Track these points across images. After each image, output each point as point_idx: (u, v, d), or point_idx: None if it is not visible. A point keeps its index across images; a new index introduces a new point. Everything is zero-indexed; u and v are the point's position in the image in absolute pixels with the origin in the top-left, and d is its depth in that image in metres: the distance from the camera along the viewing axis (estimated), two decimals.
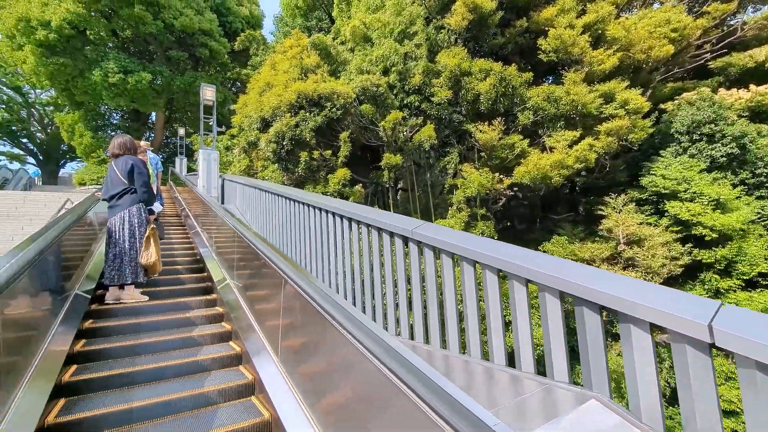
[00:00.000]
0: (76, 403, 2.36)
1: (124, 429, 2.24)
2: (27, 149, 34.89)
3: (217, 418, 2.33)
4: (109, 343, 3.05)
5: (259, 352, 2.75)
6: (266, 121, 10.51)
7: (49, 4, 19.08)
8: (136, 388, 2.60)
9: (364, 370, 1.58)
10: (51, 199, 12.06)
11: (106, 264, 3.89)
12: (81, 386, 2.54)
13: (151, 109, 25.90)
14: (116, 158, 4.17)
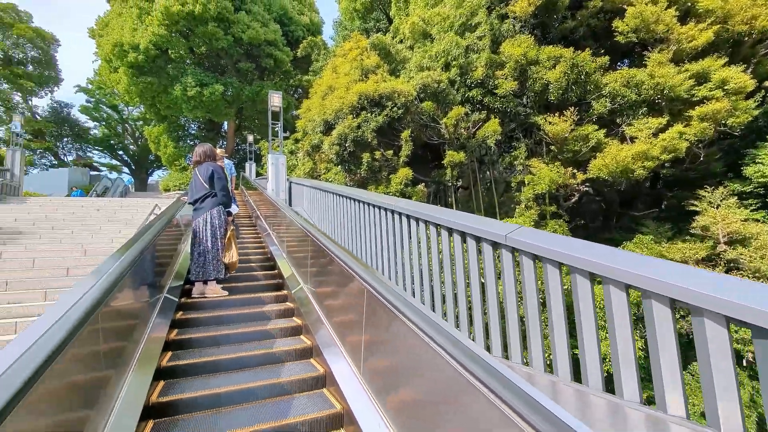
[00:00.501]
0: (172, 386, 2.57)
1: (213, 411, 2.39)
2: (122, 160, 39.35)
3: (293, 407, 2.42)
4: (197, 333, 3.31)
5: (328, 346, 2.82)
6: (329, 124, 10.72)
7: (138, 29, 21.27)
8: (220, 374, 2.78)
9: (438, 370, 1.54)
10: (142, 204, 13.40)
11: (191, 261, 4.21)
12: (176, 370, 2.77)
13: (224, 118, 27.88)
14: (199, 165, 4.48)
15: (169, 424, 2.25)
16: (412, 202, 3.43)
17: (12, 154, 16.64)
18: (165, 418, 2.32)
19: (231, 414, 2.36)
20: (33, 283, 4.64)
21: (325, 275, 3.31)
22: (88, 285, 1.74)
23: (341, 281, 2.81)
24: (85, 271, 5.11)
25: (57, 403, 1.32)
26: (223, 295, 4.19)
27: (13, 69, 29.73)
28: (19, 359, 1.10)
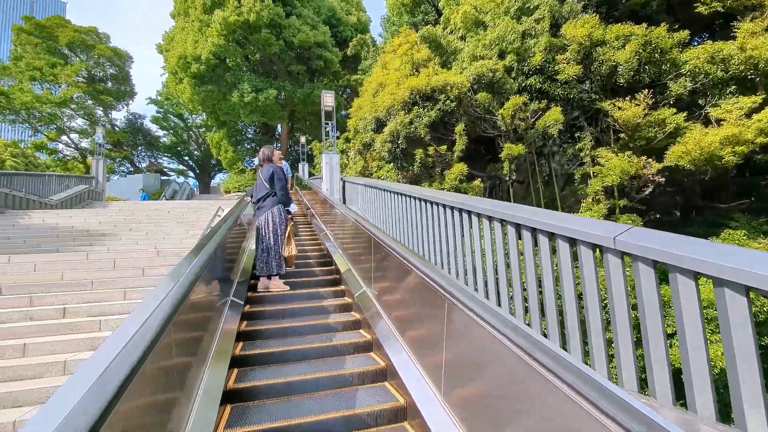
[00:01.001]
0: (246, 374, 2.75)
1: (284, 399, 2.53)
2: (188, 165, 42.30)
3: (357, 398, 2.50)
4: (264, 325, 3.51)
5: (388, 339, 2.88)
6: (380, 122, 10.61)
7: (199, 41, 22.60)
8: (288, 364, 2.93)
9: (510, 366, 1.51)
10: (206, 206, 14.21)
11: (256, 258, 4.43)
12: (247, 359, 2.95)
13: (277, 121, 28.92)
14: (261, 167, 4.76)
15: (245, 409, 2.39)
16: (484, 199, 3.15)
17: (96, 163, 18.41)
18: (240, 403, 2.46)
19: (300, 402, 2.47)
20: (114, 283, 4.96)
21: (382, 270, 3.35)
22: (170, 285, 1.84)
23: (399, 276, 2.86)
24: (158, 271, 5.40)
25: (153, 388, 1.45)
26: (285, 290, 4.38)
27: (95, 86, 32.99)
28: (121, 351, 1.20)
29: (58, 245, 8.70)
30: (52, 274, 5.11)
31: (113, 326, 3.98)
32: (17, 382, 3.12)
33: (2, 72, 29.91)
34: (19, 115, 29.85)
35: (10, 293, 4.68)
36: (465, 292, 1.93)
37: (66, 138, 34.21)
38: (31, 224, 10.30)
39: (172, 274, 2.04)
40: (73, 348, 3.59)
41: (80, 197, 16.03)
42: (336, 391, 2.60)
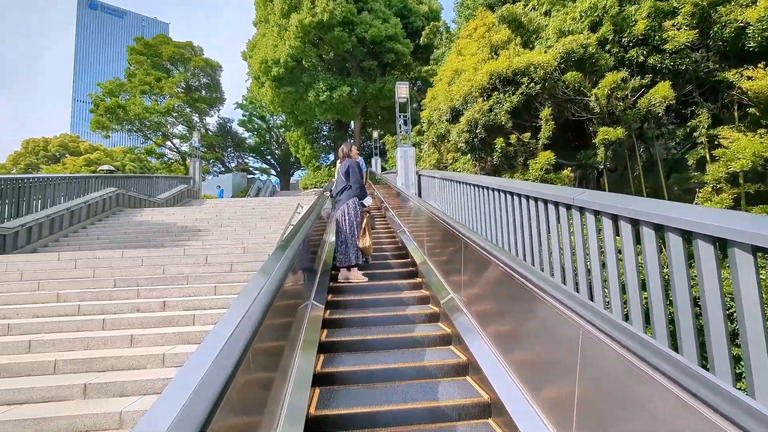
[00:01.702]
0: (331, 359, 2.91)
1: (368, 386, 2.62)
2: (270, 163, 45.30)
3: (440, 391, 2.49)
4: (345, 314, 3.67)
5: (469, 333, 2.86)
6: (456, 111, 10.08)
7: (278, 45, 23.79)
8: (370, 353, 3.05)
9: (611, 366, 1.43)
10: (286, 203, 14.92)
11: (336, 249, 4.66)
12: (332, 346, 3.11)
13: (350, 118, 29.53)
14: (341, 162, 4.99)
15: (332, 392, 2.53)
16: (593, 192, 2.62)
17: (193, 164, 20.34)
18: (328, 386, 2.60)
19: (384, 390, 2.53)
20: (206, 278, 5.25)
21: (460, 263, 3.31)
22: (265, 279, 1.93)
23: (479, 269, 2.80)
24: (244, 267, 5.61)
25: (257, 370, 1.54)
26: (364, 281, 4.55)
27: (192, 95, 36.71)
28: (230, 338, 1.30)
29: (162, 240, 9.67)
30: (155, 269, 5.57)
31: (204, 321, 4.16)
32: (125, 372, 3.34)
33: (120, 88, 34.54)
34: (133, 124, 34.31)
35: (123, 286, 5.17)
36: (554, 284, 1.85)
37: (170, 143, 38.61)
38: (142, 221, 11.61)
39: (264, 270, 2.12)
40: (170, 341, 3.79)
41: (181, 196, 17.82)
42: (418, 382, 2.64)
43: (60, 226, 10.26)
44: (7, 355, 3.66)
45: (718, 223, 1.77)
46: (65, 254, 6.24)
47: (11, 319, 4.30)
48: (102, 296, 4.82)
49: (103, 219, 11.83)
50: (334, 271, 4.68)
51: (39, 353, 3.68)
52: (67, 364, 3.40)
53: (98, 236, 10.22)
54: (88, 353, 3.57)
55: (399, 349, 3.10)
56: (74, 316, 4.36)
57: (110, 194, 12.67)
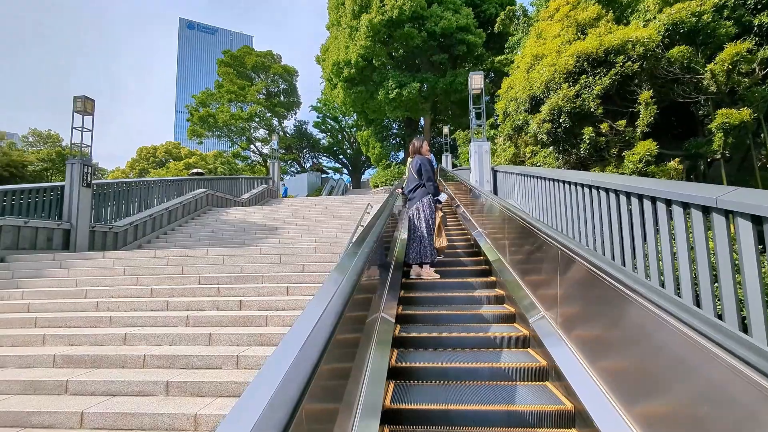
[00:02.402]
0: (405, 354, 2.94)
1: (442, 383, 2.60)
2: (342, 163, 46.72)
3: (517, 395, 2.41)
4: (418, 311, 3.70)
5: (549, 336, 2.74)
6: (536, 100, 9.23)
7: (349, 46, 24.24)
8: (443, 350, 3.03)
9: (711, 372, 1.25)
10: (357, 201, 15.09)
11: (408, 246, 4.66)
12: (405, 341, 3.15)
13: (420, 114, 29.15)
14: (412, 159, 4.95)
15: (406, 387, 2.53)
16: (744, 190, 2.00)
17: (272, 165, 21.58)
18: (402, 381, 2.61)
19: (458, 389, 2.49)
20: (279, 278, 5.33)
21: (540, 262, 3.16)
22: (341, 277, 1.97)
23: (563, 269, 2.67)
24: (315, 267, 5.62)
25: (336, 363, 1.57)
26: (436, 278, 4.54)
27: (272, 100, 39.18)
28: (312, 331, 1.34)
29: (244, 238, 10.27)
30: (235, 267, 5.82)
31: (276, 323, 4.18)
32: (202, 371, 3.42)
33: (211, 98, 38.02)
34: (221, 130, 37.58)
35: (206, 283, 5.46)
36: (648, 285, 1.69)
37: (253, 146, 41.66)
38: (227, 219, 12.50)
39: (340, 268, 2.15)
40: (245, 342, 3.84)
41: (262, 195, 18.97)
42: (494, 384, 2.58)
43: (160, 224, 11.42)
44: (108, 345, 4.00)
45: None
46: (160, 252, 6.82)
47: (114, 312, 4.74)
48: (187, 293, 5.12)
49: (195, 217, 12.96)
50: (405, 267, 4.68)
51: (132, 346, 3.96)
52: (154, 359, 3.59)
53: (191, 234, 11.19)
54: (173, 349, 3.75)
55: (473, 348, 3.06)
56: (163, 311, 4.66)
57: (201, 195, 13.85)
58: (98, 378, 3.32)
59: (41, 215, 8.27)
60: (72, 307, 4.91)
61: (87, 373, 3.46)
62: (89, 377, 3.35)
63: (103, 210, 9.82)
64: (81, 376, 3.38)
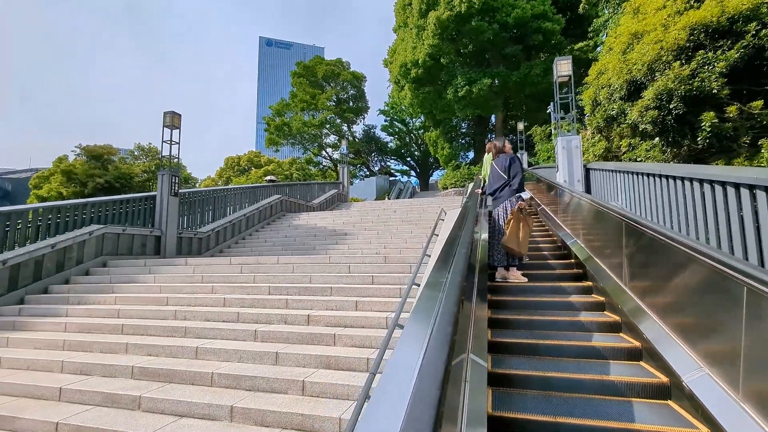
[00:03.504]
0: (500, 361, 2.80)
1: (544, 393, 2.44)
2: (410, 165, 46.46)
3: (635, 413, 2.18)
4: (508, 315, 3.55)
5: (669, 350, 2.46)
6: (637, 84, 7.92)
7: (417, 46, 23.84)
8: (541, 358, 2.85)
9: None
10: (426, 204, 14.57)
11: (492, 248, 4.50)
12: (499, 346, 3.00)
13: (491, 111, 27.72)
14: (496, 157, 4.87)
15: (506, 395, 2.43)
16: None
17: (342, 170, 21.92)
18: (501, 388, 2.52)
19: (563, 401, 2.34)
20: (347, 291, 5.02)
21: (648, 264, 2.98)
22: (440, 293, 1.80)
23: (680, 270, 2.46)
24: (385, 279, 5.23)
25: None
26: (524, 281, 4.37)
27: (341, 106, 40.23)
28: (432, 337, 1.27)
29: (314, 244, 10.30)
30: (303, 277, 5.65)
31: (344, 342, 3.84)
32: (267, 396, 3.18)
33: (286, 108, 40.12)
34: (295, 138, 39.44)
35: (275, 294, 5.35)
36: None
37: (324, 152, 43.14)
38: (299, 225, 12.75)
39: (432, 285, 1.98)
40: (312, 363, 3.55)
41: (332, 199, 19.28)
42: (605, 398, 2.39)
43: (239, 230, 11.97)
44: (181, 358, 3.98)
45: None
46: (236, 259, 6.95)
47: (189, 321, 4.79)
48: (257, 304, 5.03)
49: (270, 223, 13.43)
50: (490, 270, 4.52)
51: (203, 360, 3.89)
52: (221, 377, 3.44)
53: (266, 239, 11.56)
54: (240, 367, 3.58)
55: (575, 358, 2.86)
56: (233, 323, 4.59)
57: (275, 201, 14.36)
58: (168, 396, 3.24)
59: (137, 223, 9.01)
60: (154, 315, 5.07)
61: (159, 389, 3.41)
62: (160, 394, 3.28)
63: (189, 217, 10.50)
64: (153, 392, 3.33)
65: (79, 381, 3.67)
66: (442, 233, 5.62)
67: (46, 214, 7.32)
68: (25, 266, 6.46)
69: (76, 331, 4.91)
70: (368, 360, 3.41)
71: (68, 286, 6.64)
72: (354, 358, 3.46)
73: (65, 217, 7.44)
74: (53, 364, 4.04)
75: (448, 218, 6.50)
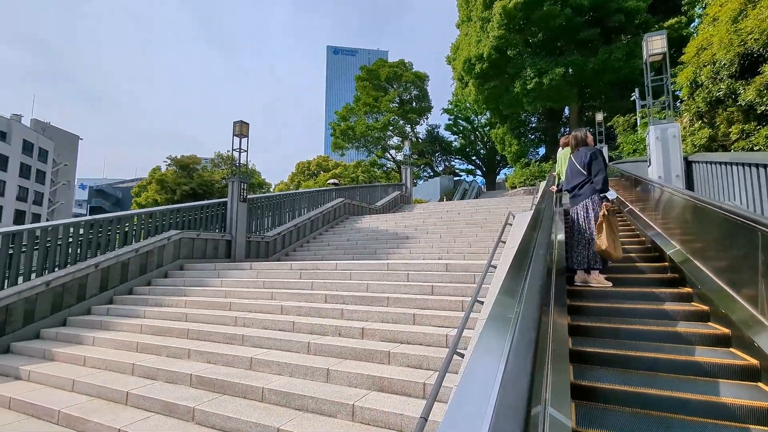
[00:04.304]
0: (583, 372, 2.52)
1: (640, 412, 2.18)
2: (475, 164, 44.89)
3: None
4: (590, 322, 3.20)
5: None
6: (752, 58, 6.57)
7: (481, 39, 22.84)
8: (634, 373, 2.52)
9: None
10: (493, 205, 13.74)
11: (571, 250, 4.17)
12: (581, 356, 2.71)
13: (564, 103, 25.64)
14: (575, 152, 4.40)
15: (592, 410, 2.21)
16: None
17: (405, 171, 21.67)
18: (585, 402, 2.28)
19: (664, 423, 2.06)
20: (406, 302, 4.69)
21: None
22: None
23: None
24: (446, 290, 4.81)
25: None
26: (608, 286, 4.02)
27: (404, 107, 40.12)
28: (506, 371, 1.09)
29: (375, 247, 10.13)
30: (360, 285, 5.44)
31: (400, 361, 3.51)
32: (315, 418, 2.97)
33: (351, 112, 41.02)
34: (359, 141, 40.13)
35: (332, 302, 5.20)
36: None
37: (387, 154, 43.37)
38: (361, 228, 12.71)
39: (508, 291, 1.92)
40: (364, 384, 3.27)
41: (395, 201, 19.11)
42: (717, 423, 2.03)
43: (303, 233, 12.23)
44: (236, 368, 3.95)
45: None
46: (296, 264, 6.99)
47: (247, 328, 4.81)
48: (313, 312, 4.91)
49: (333, 226, 13.59)
50: (568, 273, 4.21)
51: (256, 371, 3.81)
52: (272, 393, 3.31)
53: (328, 242, 11.67)
54: (291, 383, 3.43)
55: (673, 374, 2.51)
56: (289, 332, 4.50)
57: (338, 204, 14.51)
58: (220, 410, 3.17)
59: (211, 228, 9.56)
60: (217, 320, 5.19)
61: (213, 401, 3.37)
62: (213, 407, 3.23)
63: (259, 221, 10.95)
64: (207, 404, 3.29)
65: (145, 386, 3.79)
66: (510, 239, 5.06)
67: (140, 220, 8.03)
68: (113, 269, 7.09)
69: (150, 333, 5.19)
70: (425, 385, 3.05)
71: (149, 288, 7.16)
72: (409, 382, 3.12)
73: (147, 223, 8.08)
74: (126, 366, 4.26)
75: (517, 222, 5.88)
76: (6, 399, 3.96)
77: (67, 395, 3.91)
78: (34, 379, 4.42)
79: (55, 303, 6.28)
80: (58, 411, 3.53)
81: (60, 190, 57.35)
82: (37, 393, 4.01)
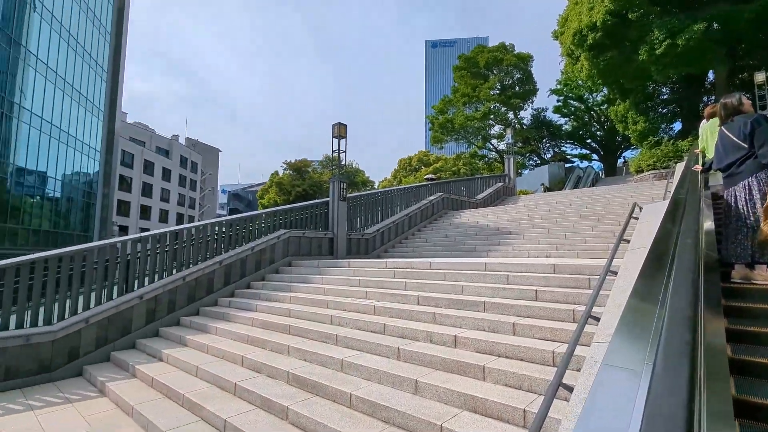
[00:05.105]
0: (750, 386, 2.13)
1: None
2: (591, 147, 40.07)
3: None
4: (757, 327, 2.65)
5: None
6: None
7: (594, 6, 20.09)
8: None
9: None
10: (612, 193, 11.91)
11: (726, 240, 3.63)
12: (745, 366, 2.30)
13: (707, 67, 21.13)
14: (726, 123, 3.73)
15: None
16: None
17: (507, 161, 20.33)
18: (752, 422, 1.89)
19: None
20: (504, 308, 4.22)
21: None
22: None
23: None
24: (552, 296, 4.19)
25: None
26: None
27: (506, 93, 37.74)
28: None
29: (474, 244, 9.60)
30: (455, 287, 5.11)
31: (496, 379, 3.12)
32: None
33: (449, 104, 40.14)
34: (459, 133, 39.03)
35: (424, 304, 4.98)
36: None
37: (489, 144, 41.37)
38: (460, 223, 12.22)
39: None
40: (455, 402, 2.99)
41: (497, 194, 18.04)
42: None
43: (402, 230, 12.26)
44: (329, 369, 4.00)
45: None
46: (391, 261, 6.94)
47: (342, 328, 4.88)
48: (404, 315, 4.76)
49: (432, 221, 13.35)
50: (722, 267, 3.53)
51: (345, 374, 3.81)
52: (359, 401, 3.24)
53: (426, 239, 11.48)
54: (379, 392, 3.31)
55: None
56: (380, 335, 4.42)
57: (437, 199, 14.21)
58: (311, 412, 3.21)
59: (317, 226, 10.17)
60: (316, 317, 5.40)
61: (305, 401, 3.44)
62: (304, 408, 3.30)
63: (359, 219, 11.31)
64: (299, 404, 3.38)
65: (250, 379, 4.08)
66: (636, 237, 4.19)
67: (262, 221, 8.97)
68: (234, 266, 7.97)
69: (259, 326, 5.65)
70: (525, 412, 2.63)
71: (262, 283, 7.88)
72: (507, 406, 2.73)
73: (260, 224, 8.92)
74: (237, 357, 4.67)
75: (646, 215, 4.88)
76: (150, 378, 4.67)
77: (192, 380, 4.44)
78: (170, 362, 5.16)
79: (190, 295, 7.30)
80: (183, 395, 4.01)
81: (206, 195, 68.53)
82: (170, 375, 4.64)
